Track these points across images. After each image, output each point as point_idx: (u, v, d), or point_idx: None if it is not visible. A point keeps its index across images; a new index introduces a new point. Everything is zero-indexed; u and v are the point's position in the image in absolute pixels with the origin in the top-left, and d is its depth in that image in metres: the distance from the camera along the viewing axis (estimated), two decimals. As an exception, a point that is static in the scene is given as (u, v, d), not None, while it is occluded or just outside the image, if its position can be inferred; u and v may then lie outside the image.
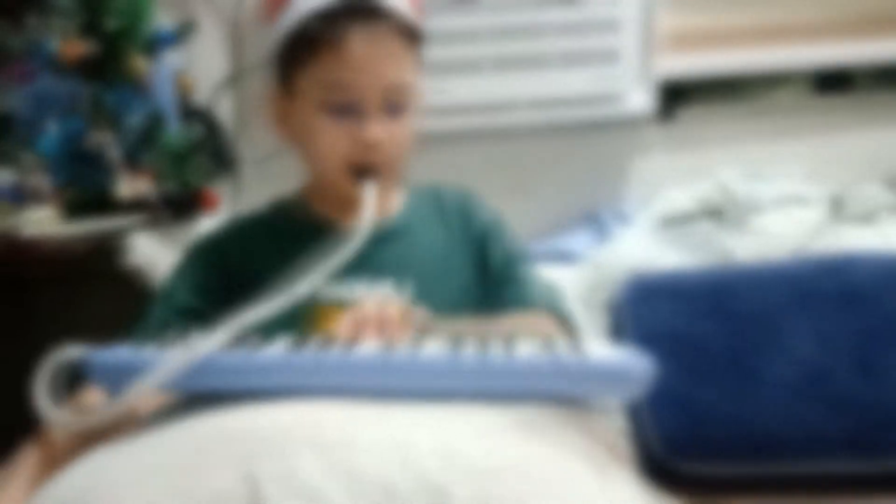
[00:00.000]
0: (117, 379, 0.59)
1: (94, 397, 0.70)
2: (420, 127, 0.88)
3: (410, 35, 0.83)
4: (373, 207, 0.77)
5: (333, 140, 0.81)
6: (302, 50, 0.81)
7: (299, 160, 0.89)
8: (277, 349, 0.59)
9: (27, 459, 0.64)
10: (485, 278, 0.90)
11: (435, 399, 0.56)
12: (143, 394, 0.56)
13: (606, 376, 0.56)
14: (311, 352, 0.58)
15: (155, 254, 1.11)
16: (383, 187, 0.86)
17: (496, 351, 0.57)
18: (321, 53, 0.79)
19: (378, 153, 0.82)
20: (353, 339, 0.64)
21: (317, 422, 0.52)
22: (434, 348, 0.59)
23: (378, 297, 0.70)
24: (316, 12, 0.79)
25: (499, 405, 0.54)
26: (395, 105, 0.82)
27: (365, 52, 0.78)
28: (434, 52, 1.37)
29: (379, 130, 0.80)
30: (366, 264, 0.84)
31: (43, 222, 1.07)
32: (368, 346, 0.60)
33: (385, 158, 0.83)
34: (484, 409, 0.54)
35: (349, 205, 0.84)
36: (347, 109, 0.80)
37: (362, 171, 0.82)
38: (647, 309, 1.11)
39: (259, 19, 0.87)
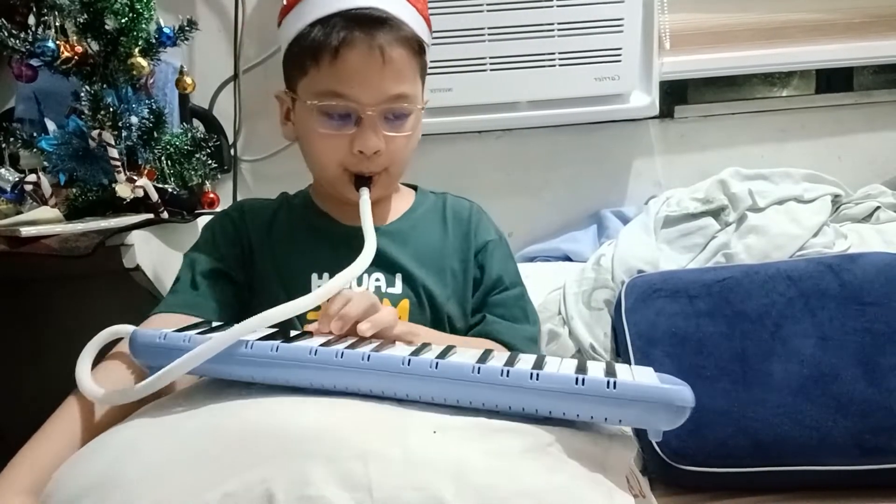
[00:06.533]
0: (156, 356, 0.62)
1: (119, 366, 0.71)
2: (423, 127, 0.87)
3: (415, 45, 0.81)
4: (370, 217, 0.77)
5: (330, 148, 0.81)
6: (303, 56, 0.80)
7: (300, 160, 0.89)
8: (309, 344, 0.59)
9: (68, 411, 0.65)
10: (475, 291, 0.89)
11: (465, 412, 0.55)
12: (173, 376, 0.58)
13: (650, 404, 0.53)
14: (336, 351, 0.58)
15: (155, 253, 1.11)
16: (384, 191, 0.87)
17: (525, 367, 0.56)
18: (321, 62, 0.78)
19: (375, 163, 0.81)
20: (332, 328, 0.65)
21: (334, 429, 0.52)
22: (468, 358, 0.58)
23: (367, 297, 0.69)
24: (320, 19, 0.78)
25: (517, 427, 0.53)
26: (394, 115, 0.81)
27: (364, 65, 0.77)
28: (438, 51, 1.38)
29: (376, 141, 0.79)
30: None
31: (43, 222, 1.07)
32: (397, 351, 0.60)
33: (383, 167, 0.82)
34: (501, 430, 0.53)
35: (348, 205, 0.84)
36: (345, 118, 0.80)
37: (359, 179, 0.82)
38: (647, 308, 1.11)
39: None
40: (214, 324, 0.69)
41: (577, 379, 0.53)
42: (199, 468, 0.50)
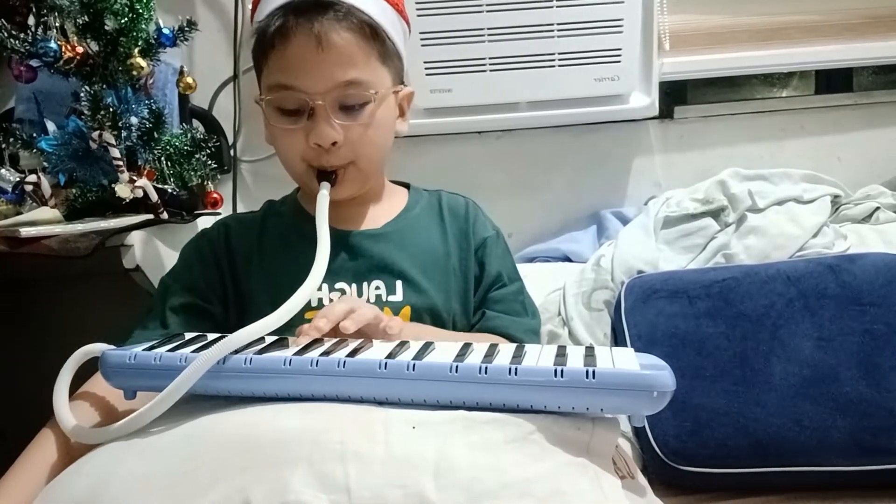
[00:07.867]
0: (129, 378, 0.61)
1: (100, 388, 0.70)
2: (423, 128, 0.86)
3: (366, 29, 0.77)
4: (325, 215, 0.75)
5: (290, 144, 0.80)
6: (256, 54, 0.80)
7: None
8: (283, 355, 0.58)
9: (42, 443, 0.64)
10: (476, 288, 0.88)
11: (452, 407, 0.55)
12: (159, 411, 0.57)
13: (630, 391, 0.52)
14: (311, 359, 0.57)
15: (155, 254, 1.11)
16: (357, 188, 0.85)
17: (503, 363, 0.55)
18: (269, 57, 0.77)
19: (336, 156, 0.79)
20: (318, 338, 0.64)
21: (313, 432, 0.51)
22: (446, 356, 0.58)
23: (348, 300, 0.69)
24: (267, 14, 0.77)
25: (499, 417, 0.53)
26: (350, 104, 0.78)
27: (302, 52, 0.75)
28: (438, 51, 1.38)
29: (330, 132, 0.77)
30: (356, 265, 0.83)
31: (43, 222, 1.07)
32: (373, 354, 0.59)
33: (347, 160, 0.80)
34: (482, 422, 0.52)
35: (340, 206, 0.83)
36: (298, 111, 0.78)
37: (321, 174, 0.80)
38: (647, 309, 1.11)
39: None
40: (187, 335, 0.68)
41: (556, 371, 0.53)
42: (179, 482, 0.50)
